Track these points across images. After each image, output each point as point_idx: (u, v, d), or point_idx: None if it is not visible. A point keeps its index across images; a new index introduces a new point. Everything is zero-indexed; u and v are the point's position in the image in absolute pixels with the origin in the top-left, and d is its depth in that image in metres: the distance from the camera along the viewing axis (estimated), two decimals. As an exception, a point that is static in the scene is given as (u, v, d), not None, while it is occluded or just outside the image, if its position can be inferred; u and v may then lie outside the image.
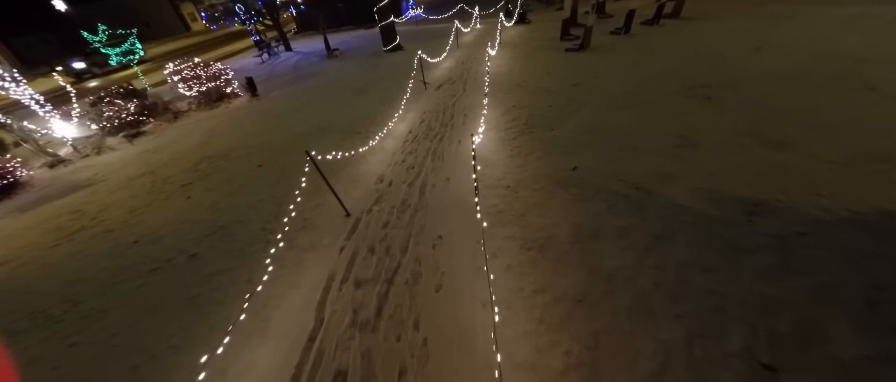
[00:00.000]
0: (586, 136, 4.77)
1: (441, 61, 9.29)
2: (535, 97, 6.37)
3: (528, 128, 5.23)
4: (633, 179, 3.76)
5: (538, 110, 5.78)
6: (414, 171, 4.44)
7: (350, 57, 13.19)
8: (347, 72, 10.77)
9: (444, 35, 13.93)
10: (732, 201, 3.30)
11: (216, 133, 7.32)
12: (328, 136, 6.03)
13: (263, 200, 4.44)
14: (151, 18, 41.77)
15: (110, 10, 38.51)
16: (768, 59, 6.96)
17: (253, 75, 13.03)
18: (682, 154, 4.13)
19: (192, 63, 9.31)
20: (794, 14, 10.06)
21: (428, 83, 7.91)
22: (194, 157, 6.31)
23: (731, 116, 4.89)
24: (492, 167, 4.29)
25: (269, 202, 4.39)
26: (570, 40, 10.17)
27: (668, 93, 5.86)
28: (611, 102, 5.75)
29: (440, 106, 6.54)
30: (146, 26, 41.28)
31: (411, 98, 7.13)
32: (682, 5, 11.61)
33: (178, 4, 43.78)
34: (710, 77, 6.28)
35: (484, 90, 6.76)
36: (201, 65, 9.40)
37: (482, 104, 6.03)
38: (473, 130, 5.34)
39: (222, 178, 5.33)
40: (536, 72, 7.82)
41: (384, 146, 5.27)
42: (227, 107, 9.18)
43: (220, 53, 21.88)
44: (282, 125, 7.04)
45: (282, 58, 16.01)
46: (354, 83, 9.25)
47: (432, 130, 5.55)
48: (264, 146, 6.15)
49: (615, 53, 8.46)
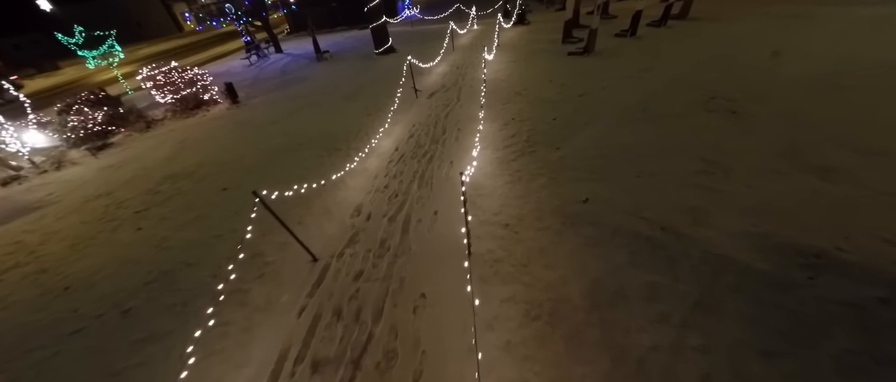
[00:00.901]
0: (597, 157, 4.14)
1: (435, 65, 8.66)
2: (537, 109, 5.75)
3: (529, 146, 4.60)
4: (656, 216, 3.14)
5: (540, 125, 5.16)
6: (397, 200, 3.80)
7: (340, 60, 12.53)
8: (335, 77, 10.11)
9: (439, 36, 13.27)
10: (783, 249, 2.68)
11: (187, 146, 6.66)
12: (304, 152, 5.39)
13: (221, 235, 3.79)
14: (143, 18, 40.92)
15: (101, 11, 37.69)
16: (791, 65, 6.36)
17: (239, 79, 12.37)
18: (712, 183, 3.51)
19: (166, 68, 8.63)
20: (808, 15, 9.47)
21: (420, 90, 7.28)
22: (158, 175, 5.66)
23: (763, 134, 4.28)
24: (488, 197, 3.66)
25: (228, 239, 3.74)
26: (572, 43, 9.55)
27: (686, 105, 5.24)
28: (622, 116, 5.13)
29: (431, 118, 5.90)
30: (137, 26, 40.49)
31: (401, 108, 6.49)
32: (689, 6, 11.01)
33: (170, 4, 42.95)
34: (731, 86, 5.67)
35: (480, 100, 6.13)
36: (176, 70, 8.73)
37: (478, 117, 5.40)
38: (467, 147, 4.70)
39: (182, 203, 4.68)
40: (537, 79, 7.20)
41: (366, 167, 4.63)
42: (204, 115, 8.52)
43: (211, 54, 21.23)
44: (258, 138, 6.39)
45: (271, 60, 15.34)
46: (341, 89, 8.60)
47: (421, 148, 4.91)
48: (235, 164, 5.50)
49: (622, 58, 7.85)
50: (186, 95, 8.69)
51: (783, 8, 10.53)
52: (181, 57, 21.85)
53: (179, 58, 21.86)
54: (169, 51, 26.36)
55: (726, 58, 7.07)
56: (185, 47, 27.13)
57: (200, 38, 29.96)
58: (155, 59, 24.01)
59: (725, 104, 5.10)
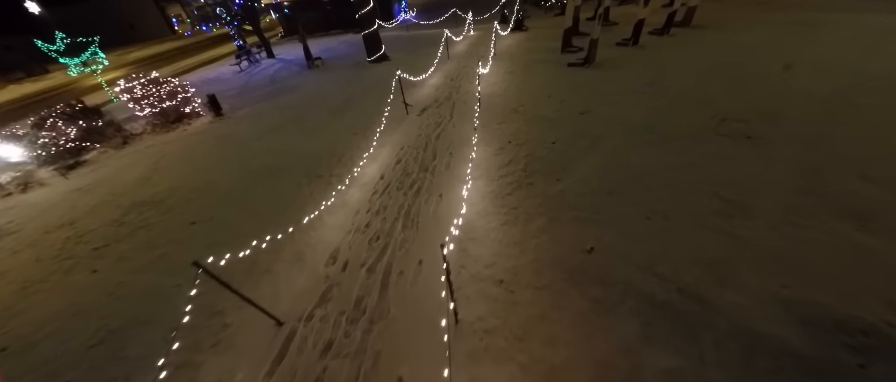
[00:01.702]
0: (601, 192, 3.74)
1: (428, 77, 8.26)
2: (535, 129, 5.35)
3: (527, 176, 4.20)
4: (672, 271, 2.75)
5: (539, 149, 4.76)
6: (378, 244, 3.39)
7: (332, 67, 12.11)
8: (325, 87, 9.69)
9: (434, 43, 12.86)
10: (823, 322, 2.29)
11: (162, 166, 6.24)
12: (284, 178, 4.97)
13: (181, 286, 3.38)
14: (135, 20, 40.29)
15: (93, 12, 37.10)
16: (803, 79, 5.99)
17: (226, 87, 11.93)
18: (732, 227, 3.12)
19: (145, 80, 8.19)
20: (815, 23, 9.11)
21: (411, 105, 6.87)
22: (126, 201, 5.23)
23: (781, 164, 3.90)
24: (480, 243, 3.26)
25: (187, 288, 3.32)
26: (572, 53, 9.16)
27: (695, 127, 4.86)
28: (627, 139, 4.74)
29: (421, 139, 5.49)
30: (130, 28, 39.89)
31: (390, 126, 6.08)
32: (693, 13, 10.65)
33: (163, 6, 42.38)
34: (741, 104, 5.29)
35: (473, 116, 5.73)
36: (156, 82, 8.29)
37: (472, 138, 5.01)
38: (460, 176, 4.30)
39: (146, 239, 4.26)
40: (536, 93, 6.80)
41: (347, 200, 4.22)
42: (185, 129, 8.09)
43: (204, 57, 20.83)
44: (237, 158, 5.97)
45: (262, 66, 14.90)
46: (330, 102, 8.18)
47: (409, 176, 4.50)
48: (208, 190, 5.08)
49: (625, 70, 7.46)
50: (167, 108, 8.26)
51: (789, 15, 10.19)
52: (173, 61, 21.40)
53: (171, 61, 21.42)
54: (161, 54, 25.90)
55: (735, 69, 6.70)
56: (178, 51, 26.64)
57: (193, 42, 29.46)
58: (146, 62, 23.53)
59: (738, 127, 4.72)
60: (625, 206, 3.52)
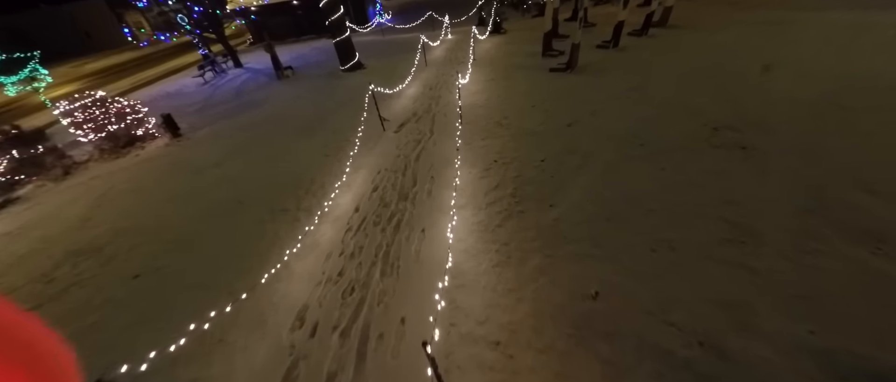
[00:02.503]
0: (599, 219, 3.42)
1: (405, 87, 7.80)
2: (522, 144, 5.00)
3: (516, 202, 3.83)
4: (688, 318, 2.42)
5: (528, 169, 4.40)
6: (353, 298, 2.93)
7: (303, 77, 11.44)
8: (295, 101, 9.06)
9: (411, 48, 12.41)
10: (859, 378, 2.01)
11: (106, 202, 5.51)
12: (245, 214, 4.41)
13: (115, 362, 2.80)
14: (92, 29, 37.72)
15: (45, 20, 34.58)
16: (784, 81, 5.92)
17: (188, 102, 11.05)
18: (745, 258, 2.84)
19: (89, 100, 7.34)
20: (785, 22, 9.24)
21: (387, 120, 6.40)
22: (60, 249, 4.52)
23: (781, 178, 3.69)
24: (470, 292, 2.85)
25: (121, 370, 2.76)
26: (553, 57, 8.92)
27: (687, 137, 4.63)
28: (618, 154, 4.46)
29: (400, 161, 5.04)
30: (86, 37, 37.31)
31: (365, 145, 5.59)
32: (669, 14, 10.66)
33: (122, 14, 39.87)
34: (730, 112, 5.13)
35: (455, 132, 5.33)
36: (101, 102, 7.45)
37: (454, 158, 4.60)
38: (443, 205, 3.88)
39: (78, 300, 3.62)
40: (519, 103, 6.47)
41: (317, 240, 3.72)
42: (137, 154, 7.30)
43: (165, 68, 19.60)
44: (193, 189, 5.33)
45: (228, 77, 14.00)
46: (300, 118, 7.59)
47: (387, 207, 4.05)
48: (157, 231, 4.45)
49: (608, 75, 7.25)
50: (117, 130, 7.44)
51: (758, 15, 10.33)
52: (132, 72, 19.98)
53: (130, 73, 19.97)
54: (119, 65, 24.26)
55: (717, 73, 6.59)
56: (138, 61, 25.05)
57: (154, 51, 27.73)
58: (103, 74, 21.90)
59: (731, 136, 4.52)
60: (626, 235, 3.20)
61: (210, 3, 14.29)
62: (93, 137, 7.31)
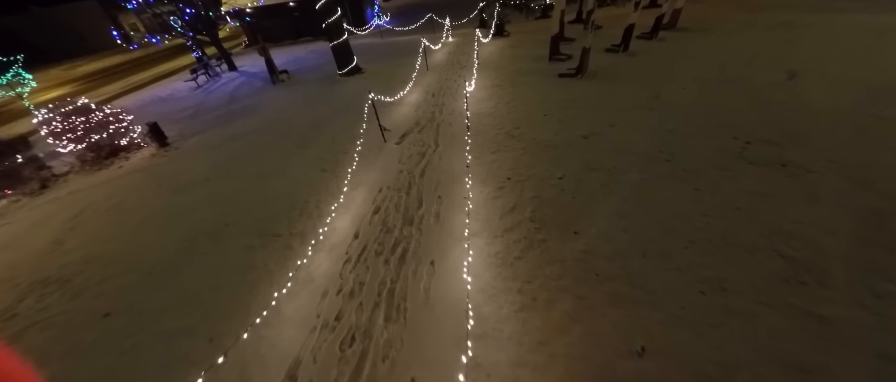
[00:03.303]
0: (635, 252, 3.00)
1: (406, 93, 7.38)
2: (536, 159, 4.58)
3: (537, 228, 3.41)
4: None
5: (546, 188, 3.99)
6: (353, 351, 2.50)
7: (299, 82, 11.00)
8: (290, 107, 8.62)
9: (411, 51, 12.00)
10: None
11: (81, 223, 5.05)
12: (230, 242, 3.95)
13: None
14: (86, 31, 37.09)
15: (39, 23, 33.97)
16: (812, 88, 5.55)
17: (178, 108, 10.58)
18: (811, 303, 2.43)
19: (70, 109, 6.87)
20: (799, 24, 8.88)
21: (388, 130, 5.98)
22: (27, 278, 4.06)
23: (831, 200, 3.29)
24: (492, 344, 2.42)
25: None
26: (561, 61, 8.53)
27: (718, 152, 4.23)
28: (645, 172, 4.05)
29: (403, 177, 4.61)
30: (79, 40, 36.69)
31: (365, 158, 5.17)
32: (678, 16, 10.30)
33: (116, 15, 39.25)
34: (760, 123, 4.74)
35: (462, 144, 4.91)
36: (85, 110, 6.98)
37: (463, 174, 4.18)
38: (453, 230, 3.46)
39: (41, 342, 3.17)
40: (530, 112, 6.06)
41: (312, 273, 3.28)
42: (121, 166, 6.84)
43: (159, 70, 19.18)
44: (176, 209, 4.87)
45: (221, 81, 13.54)
46: (295, 127, 7.15)
47: (390, 233, 3.62)
48: (133, 259, 4.00)
49: (621, 82, 6.86)
50: (100, 140, 6.97)
51: (769, 17, 9.98)
52: (125, 75, 19.51)
53: (123, 75, 19.47)
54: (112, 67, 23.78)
55: (738, 79, 6.21)
56: (132, 63, 24.58)
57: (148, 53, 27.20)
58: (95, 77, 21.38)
59: (767, 151, 4.13)
60: (667, 272, 2.78)
61: (203, 5, 13.83)
62: (73, 148, 6.84)
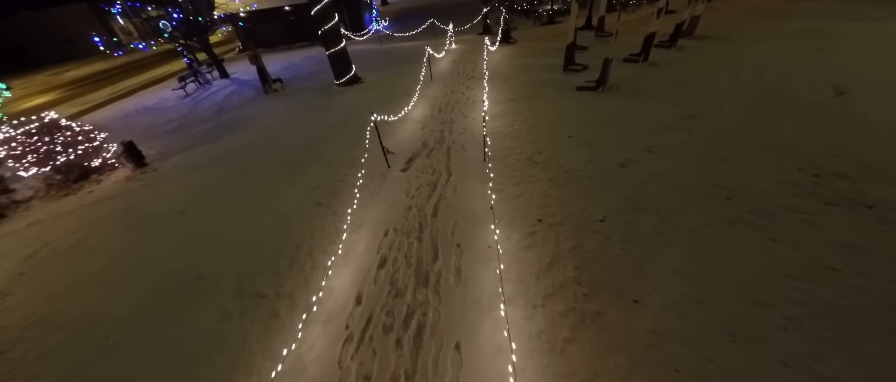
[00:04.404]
0: (719, 335, 2.32)
1: (411, 108, 6.70)
2: (569, 194, 3.91)
3: (585, 294, 2.73)
4: None
5: (587, 234, 3.31)
6: None
7: (293, 91, 10.29)
8: (283, 122, 7.91)
9: (412, 59, 11.36)
10: None
11: (36, 264, 4.30)
12: (203, 302, 3.23)
13: None
14: (76, 35, 36.12)
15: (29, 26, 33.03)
16: (868, 109, 4.93)
17: (163, 120, 9.80)
18: None
19: (34, 126, 6.12)
20: (826, 33, 8.32)
21: (392, 153, 5.29)
22: (-48, 345, 3.32)
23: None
24: None
25: None
26: (576, 72, 7.92)
27: (785, 188, 3.58)
28: (704, 213, 3.39)
29: (413, 217, 3.91)
30: (68, 44, 35.74)
31: (367, 188, 4.47)
32: (697, 23, 9.75)
33: (107, 19, 38.30)
34: (821, 149, 4.12)
35: (478, 173, 4.23)
36: (52, 128, 6.23)
37: (484, 214, 3.50)
38: (480, 296, 2.77)
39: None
40: (552, 132, 5.39)
41: (302, 359, 2.57)
42: (91, 191, 6.08)
43: (149, 76, 18.49)
44: (145, 251, 4.14)
45: (212, 89, 12.80)
46: (287, 147, 6.44)
47: (401, 298, 2.91)
48: (87, 322, 3.26)
49: (647, 97, 6.23)
50: (69, 162, 6.22)
51: (791, 25, 9.44)
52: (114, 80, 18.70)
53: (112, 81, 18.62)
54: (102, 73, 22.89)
55: (779, 95, 5.60)
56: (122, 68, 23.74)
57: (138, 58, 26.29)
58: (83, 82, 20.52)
59: (842, 187, 3.48)
60: (770, 368, 2.11)
61: (193, 10, 13.11)
62: (35, 172, 6.08)
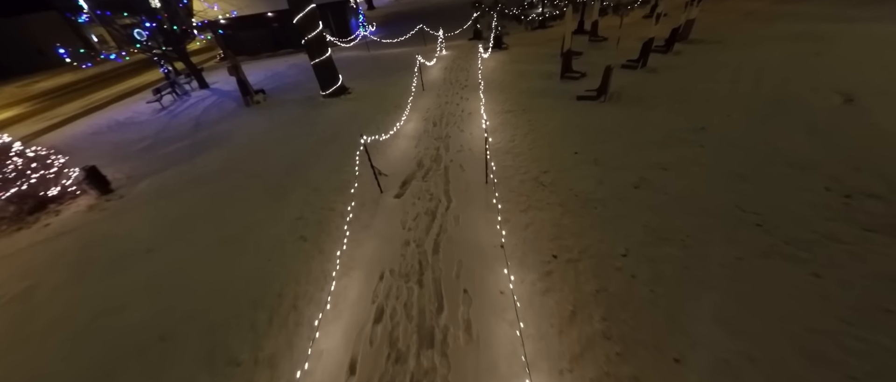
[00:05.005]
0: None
1: (403, 123, 6.27)
2: (583, 223, 3.52)
3: (620, 357, 2.33)
4: None
5: (610, 275, 2.92)
6: None
7: (277, 103, 9.73)
8: (265, 139, 7.36)
9: (402, 67, 10.94)
10: None
11: (-28, 320, 3.70)
12: (165, 374, 2.73)
13: None
14: (46, 45, 34.47)
15: (1, 35, 31.43)
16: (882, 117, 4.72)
17: (135, 138, 9.09)
18: None
19: (-20, 152, 5.47)
20: (818, 36, 8.22)
21: (384, 175, 4.84)
22: None
23: None
24: None
25: None
26: (574, 80, 7.61)
27: (817, 212, 3.27)
28: (733, 242, 3.05)
29: (411, 254, 3.46)
30: (39, 54, 34.09)
31: (357, 221, 4.00)
32: (691, 27, 9.60)
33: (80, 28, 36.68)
34: (846, 164, 3.87)
35: (481, 198, 3.81)
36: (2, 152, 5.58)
37: (491, 249, 3.09)
38: (496, 361, 2.35)
39: None
40: (556, 147, 5.03)
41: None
42: (48, 224, 5.45)
43: (126, 86, 17.72)
44: (102, 302, 3.58)
45: (190, 101, 12.12)
46: (270, 169, 5.92)
47: (402, 363, 2.46)
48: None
49: (650, 105, 5.94)
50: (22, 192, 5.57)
51: (782, 28, 9.36)
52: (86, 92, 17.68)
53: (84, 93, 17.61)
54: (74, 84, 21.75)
55: (788, 105, 5.37)
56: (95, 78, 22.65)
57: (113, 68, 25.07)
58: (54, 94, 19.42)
59: (878, 209, 3.19)
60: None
61: (168, 18, 12.40)
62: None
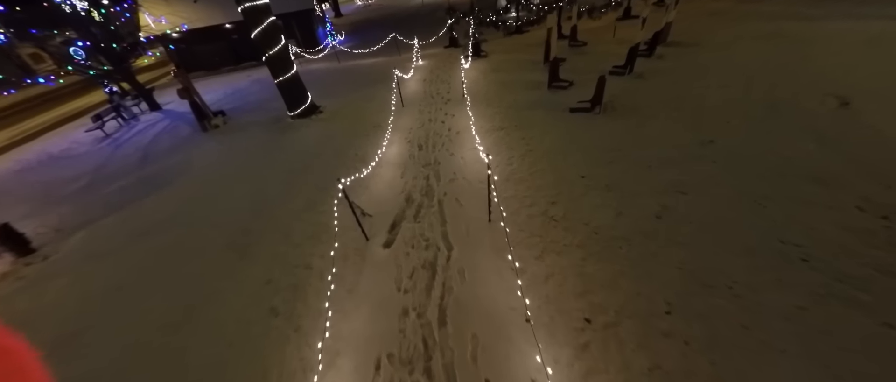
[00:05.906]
0: None
1: (386, 147, 5.58)
2: (611, 271, 3.00)
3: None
4: None
5: (660, 343, 2.40)
6: None
7: (238, 127, 8.73)
8: (226, 173, 6.42)
9: (377, 79, 10.23)
10: None
11: None
12: None
13: None
14: (-30, 64, 30.77)
15: None
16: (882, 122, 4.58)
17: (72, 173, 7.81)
18: None
19: None
20: (792, 36, 8.31)
21: (369, 215, 4.16)
22: None
23: None
24: None
25: None
26: (562, 88, 7.23)
27: (860, 239, 2.93)
28: (787, 286, 2.63)
29: (411, 329, 2.79)
30: (-39, 75, 30.39)
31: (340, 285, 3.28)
32: (669, 29, 9.53)
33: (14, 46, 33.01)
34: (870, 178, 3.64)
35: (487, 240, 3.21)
36: None
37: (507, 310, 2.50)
38: None
39: None
40: (560, 171, 4.51)
41: None
42: (-57, 301, 4.34)
43: (65, 110, 15.90)
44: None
45: (139, 126, 10.82)
46: (232, 211, 5.05)
47: None
48: None
49: (648, 115, 5.60)
50: None
51: (755, 27, 9.46)
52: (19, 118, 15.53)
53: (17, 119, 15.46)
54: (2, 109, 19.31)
55: (784, 110, 5.19)
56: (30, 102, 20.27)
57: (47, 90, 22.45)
58: (-28, 125, 17.09)
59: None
60: None
61: (107, 36, 11.01)
62: None
